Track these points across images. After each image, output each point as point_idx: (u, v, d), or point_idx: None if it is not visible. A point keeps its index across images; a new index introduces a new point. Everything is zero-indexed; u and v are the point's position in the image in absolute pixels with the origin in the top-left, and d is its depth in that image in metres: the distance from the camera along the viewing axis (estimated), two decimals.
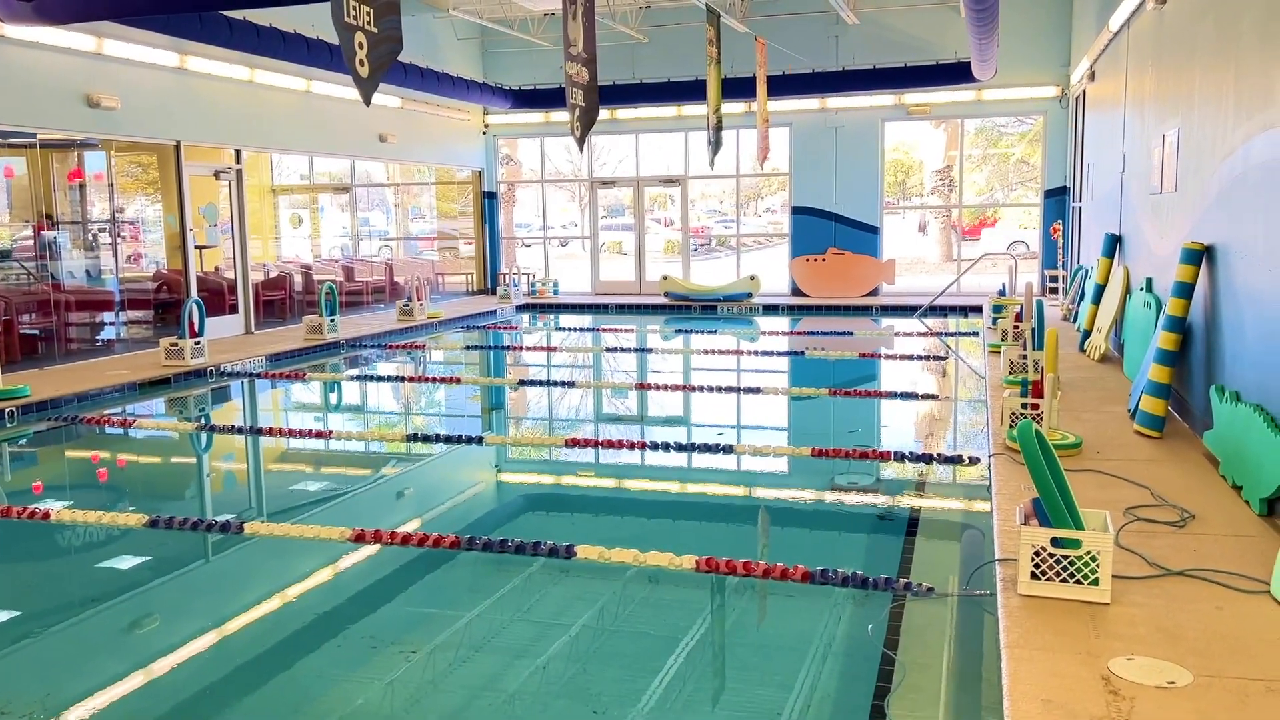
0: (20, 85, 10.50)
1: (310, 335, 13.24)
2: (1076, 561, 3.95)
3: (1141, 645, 3.59)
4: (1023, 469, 5.99)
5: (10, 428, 8.68)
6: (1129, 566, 4.29)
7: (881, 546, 5.78)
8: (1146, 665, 3.39)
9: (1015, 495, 5.50)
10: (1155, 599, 4.01)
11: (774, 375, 11.48)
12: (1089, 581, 3.95)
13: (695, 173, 19.58)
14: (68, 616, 4.87)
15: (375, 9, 5.56)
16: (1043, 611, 3.89)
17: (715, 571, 4.75)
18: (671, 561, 4.85)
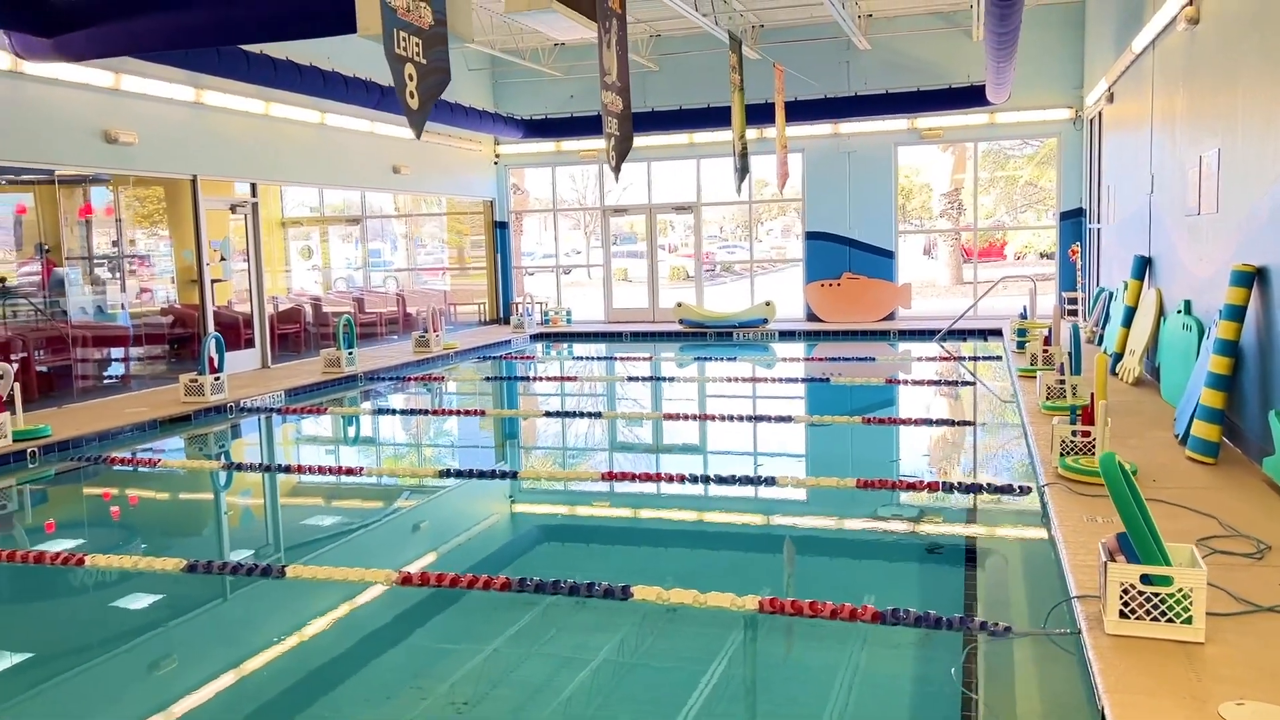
0: (39, 122, 10.44)
1: (328, 368, 13.11)
2: (1168, 599, 3.80)
3: (1246, 688, 3.43)
4: (1081, 499, 5.85)
5: (33, 468, 8.54)
6: (1215, 603, 4.14)
7: (939, 582, 5.62)
8: (1261, 711, 3.23)
9: (1078, 527, 5.35)
10: (1248, 637, 3.86)
11: (801, 403, 11.34)
12: (1182, 620, 3.80)
13: (708, 199, 19.53)
14: (106, 663, 4.71)
15: (424, 40, 5.47)
16: (1135, 652, 3.74)
17: (780, 613, 4.60)
18: (733, 603, 4.70)
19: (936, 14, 17.27)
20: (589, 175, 22.96)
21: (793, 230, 37.59)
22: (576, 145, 19.40)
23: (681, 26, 17.71)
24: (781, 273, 25.21)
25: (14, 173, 11.71)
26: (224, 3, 8.87)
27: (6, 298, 13.08)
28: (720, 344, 17.01)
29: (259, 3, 8.77)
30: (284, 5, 8.69)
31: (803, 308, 18.56)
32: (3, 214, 13.45)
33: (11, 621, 5.44)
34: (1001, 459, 8.10)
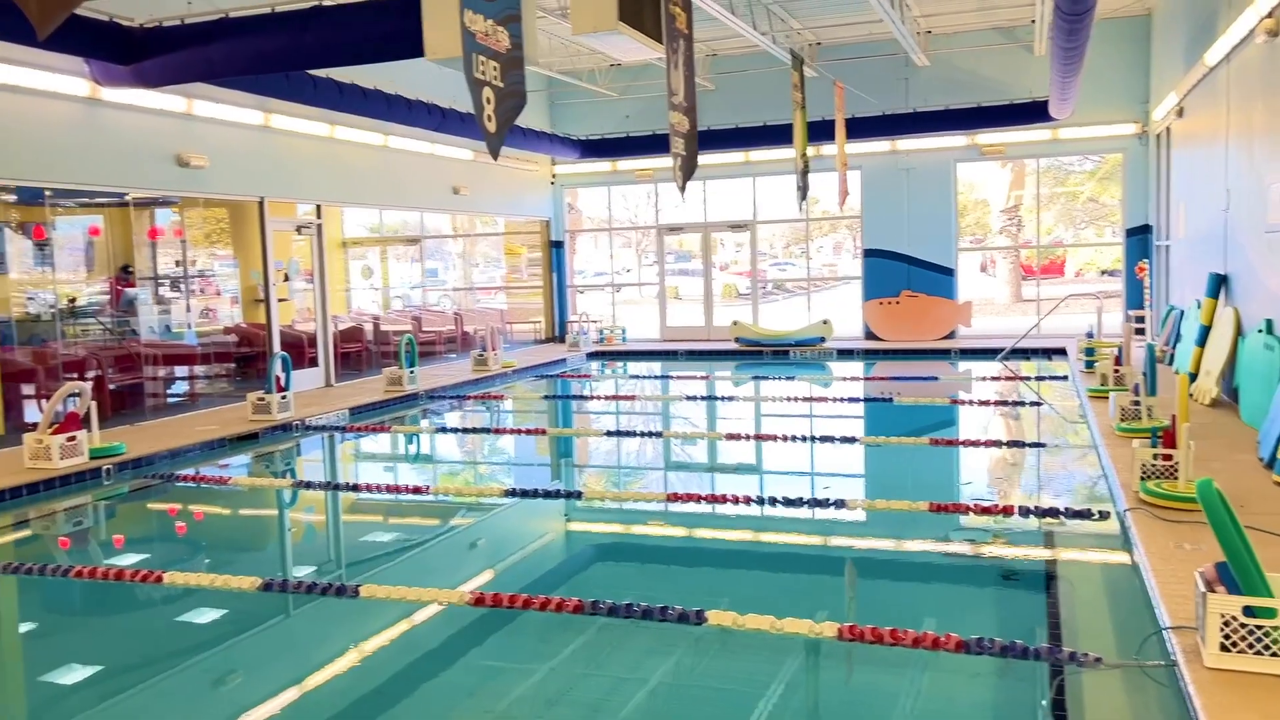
0: (115, 147, 10.72)
1: (390, 387, 13.25)
2: (1273, 632, 3.67)
3: None
4: (1165, 525, 5.69)
5: (108, 485, 8.71)
6: None
7: (1017, 610, 5.50)
8: None
9: (1166, 554, 5.20)
10: None
11: (864, 423, 11.21)
12: None
13: (763, 217, 19.48)
14: (180, 678, 4.77)
15: (502, 64, 5.52)
16: (1239, 687, 3.61)
17: (860, 640, 4.52)
18: (811, 629, 4.63)
19: (997, 29, 17.09)
20: (640, 194, 23.05)
21: (844, 247, 37.35)
22: (632, 165, 19.47)
23: (739, 46, 17.71)
24: (834, 290, 24.99)
25: (88, 195, 12.04)
26: (297, 29, 9.05)
27: (78, 317, 13.43)
28: (777, 363, 16.90)
29: (331, 28, 8.93)
30: (355, 30, 8.84)
31: (860, 326, 18.39)
32: (75, 235, 13.86)
33: (89, 636, 5.53)
34: (1075, 482, 7.93)
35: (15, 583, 6.25)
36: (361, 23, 8.86)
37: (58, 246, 12.97)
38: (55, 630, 5.74)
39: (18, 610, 6.13)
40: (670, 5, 7.71)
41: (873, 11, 15.12)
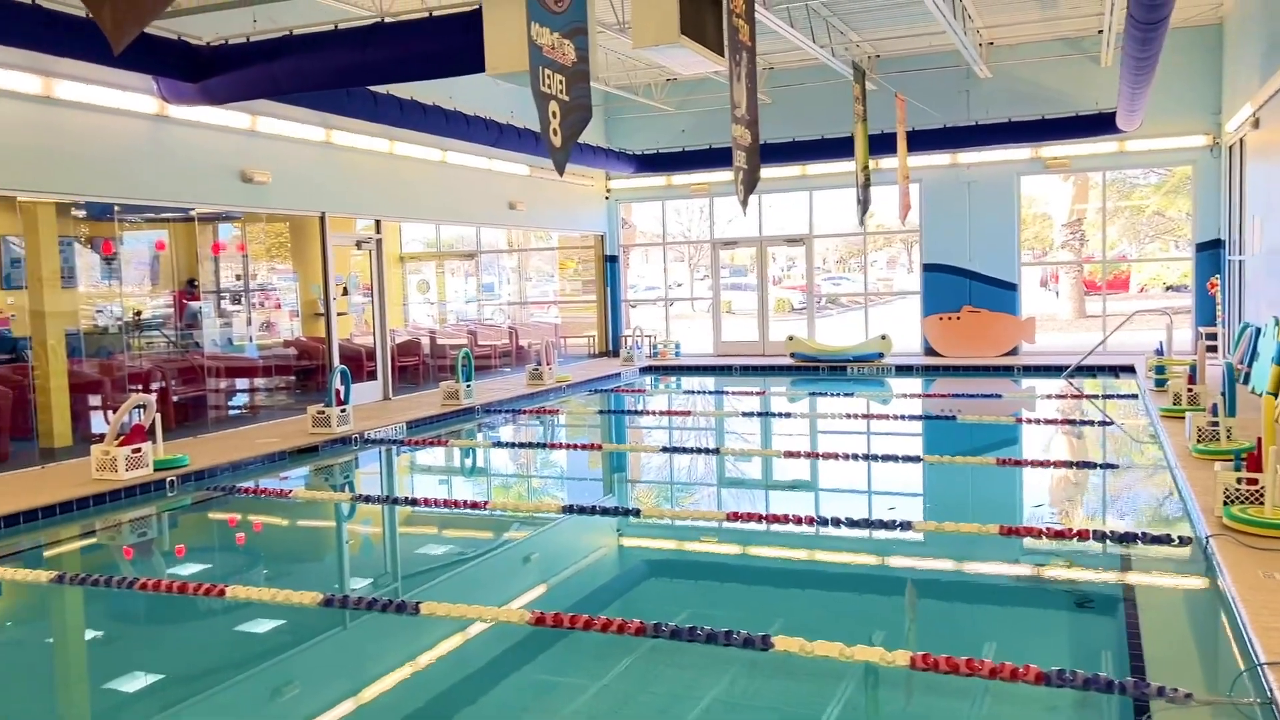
0: (182, 163, 10.90)
1: (447, 401, 13.29)
2: None
3: None
4: (1253, 553, 5.44)
5: (171, 497, 8.80)
6: None
7: (1094, 639, 5.28)
8: None
9: (1255, 584, 4.96)
10: None
11: (926, 441, 10.98)
12: None
13: (819, 231, 19.29)
14: (240, 696, 4.75)
15: (567, 77, 5.49)
16: None
17: (934, 670, 4.36)
18: (883, 658, 4.48)
19: (1062, 40, 16.76)
20: (693, 208, 22.98)
21: (899, 261, 36.92)
22: (688, 179, 19.40)
23: (796, 59, 17.61)
24: (889, 305, 24.69)
25: (154, 210, 12.26)
26: (359, 45, 9.13)
27: (143, 330, 13.68)
28: (834, 378, 16.68)
29: (392, 44, 8.99)
30: (416, 46, 8.90)
31: (919, 341, 18.10)
32: (141, 250, 14.14)
33: (151, 649, 5.55)
34: (1150, 506, 7.66)
35: (81, 593, 6.32)
36: (423, 39, 8.91)
37: (124, 260, 13.26)
38: (118, 641, 5.78)
39: (84, 621, 6.19)
40: (733, 18, 7.64)
41: (933, 23, 14.93)
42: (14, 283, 13.00)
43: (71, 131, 9.67)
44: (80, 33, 8.58)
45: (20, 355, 12.27)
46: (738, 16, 7.80)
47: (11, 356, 12.08)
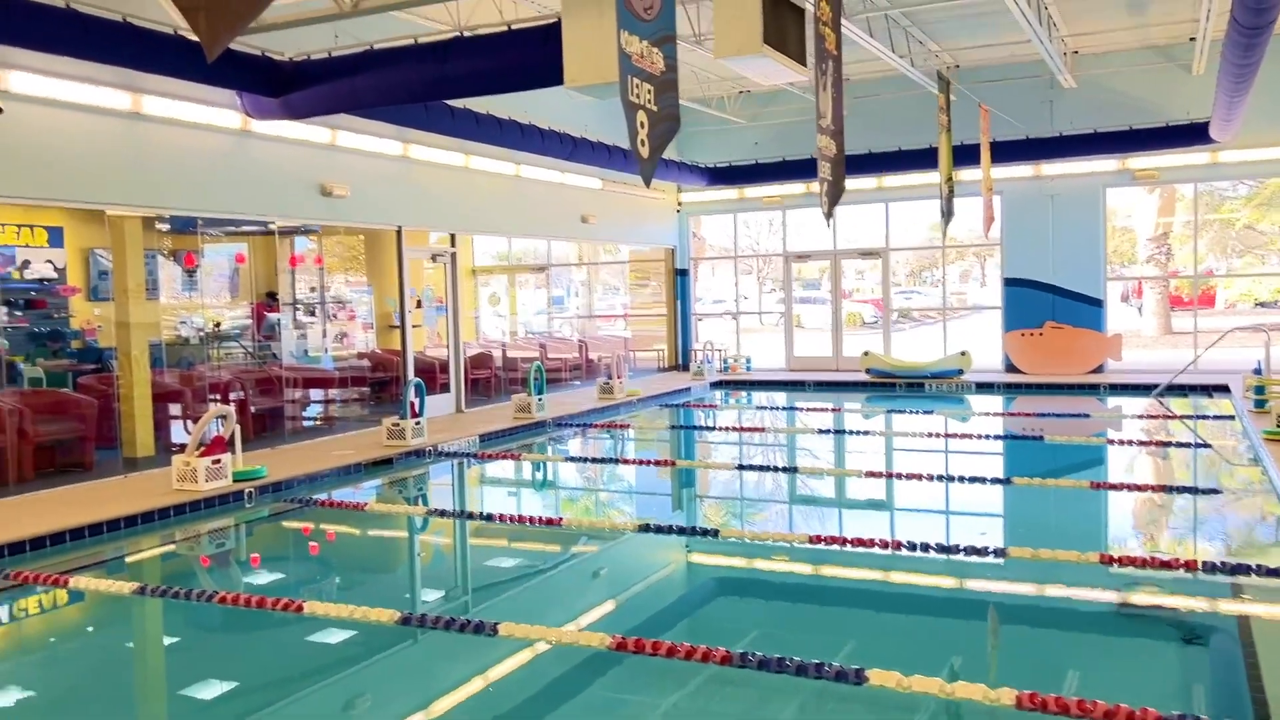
0: (263, 177, 11.04)
1: (519, 414, 13.26)
2: None
3: None
4: None
5: (249, 508, 8.86)
6: None
7: (1212, 679, 4.96)
8: None
9: None
10: None
11: (1014, 462, 10.61)
12: None
13: (896, 244, 18.92)
14: (316, 711, 4.69)
15: (655, 87, 5.38)
16: None
17: (1043, 710, 4.10)
18: (986, 695, 4.23)
19: (1151, 48, 16.22)
20: (761, 221, 22.71)
21: (971, 275, 36.15)
22: (760, 192, 19.20)
23: (872, 70, 17.29)
24: (963, 320, 24.12)
25: (234, 224, 12.46)
26: (438, 59, 9.14)
27: (222, 341, 13.91)
28: (911, 395, 16.29)
29: (471, 58, 8.98)
30: (495, 59, 8.87)
31: (999, 358, 17.61)
32: (220, 262, 14.39)
33: (228, 663, 5.52)
34: (1259, 534, 7.25)
35: (162, 605, 6.33)
36: (501, 52, 8.89)
37: (204, 273, 13.50)
38: (196, 654, 5.76)
39: (164, 632, 6.19)
40: (820, 25, 7.46)
41: (1015, 32, 14.55)
42: (101, 294, 13.32)
43: (159, 146, 9.85)
44: (168, 49, 8.73)
45: (105, 365, 12.55)
46: (824, 25, 7.62)
47: (97, 366, 12.36)
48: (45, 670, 5.59)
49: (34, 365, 11.92)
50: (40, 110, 8.78)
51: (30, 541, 7.35)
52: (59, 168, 8.99)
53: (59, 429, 9.94)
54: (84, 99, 9.09)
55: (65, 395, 10.50)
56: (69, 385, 11.34)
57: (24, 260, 12.43)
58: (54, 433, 9.90)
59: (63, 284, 12.77)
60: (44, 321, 12.66)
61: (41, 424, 9.70)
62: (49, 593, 6.56)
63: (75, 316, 12.94)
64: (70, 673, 5.54)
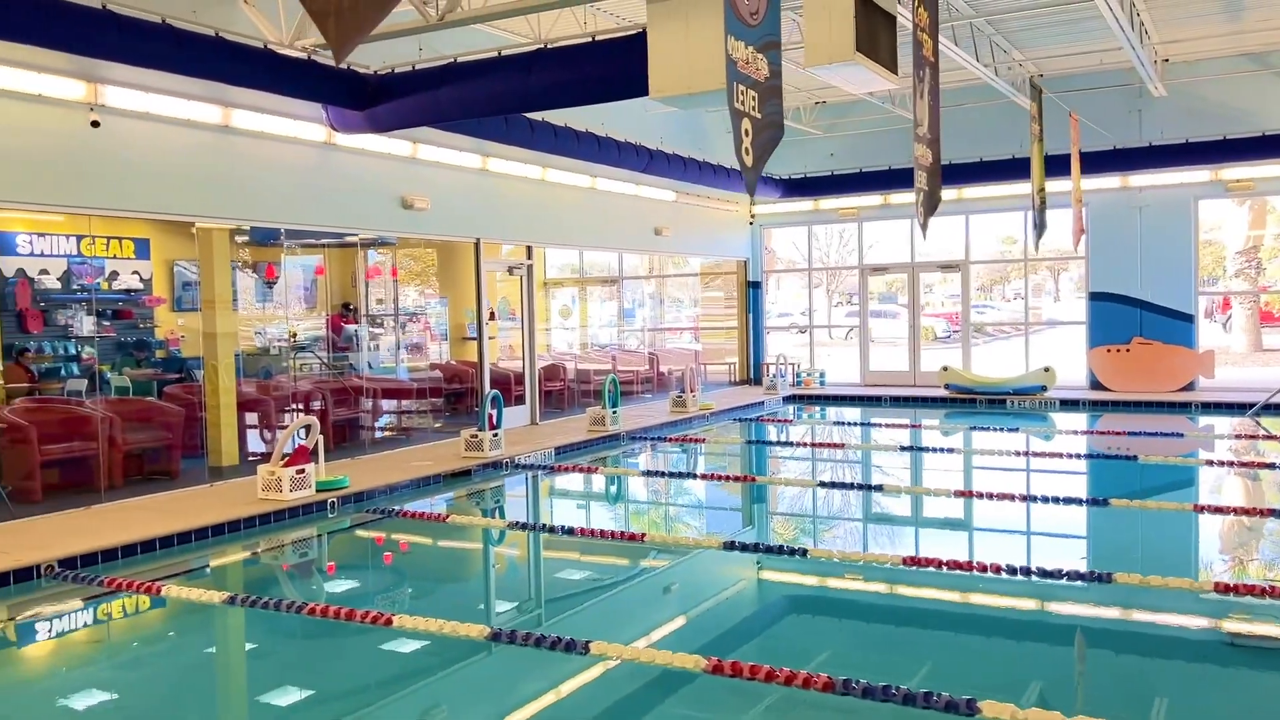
0: (346, 190, 11.14)
1: (593, 427, 13.18)
2: None
3: None
4: None
5: (332, 518, 8.89)
6: None
7: None
8: None
9: None
10: None
11: (1108, 484, 10.22)
12: None
13: (976, 256, 18.51)
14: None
15: (759, 93, 5.26)
16: None
17: None
18: None
19: (1245, 55, 15.65)
20: (831, 233, 22.37)
21: (1044, 289, 35.28)
22: (836, 204, 18.92)
23: (952, 79, 16.92)
24: (1039, 334, 23.44)
25: (313, 236, 12.61)
26: (522, 71, 9.13)
27: (299, 352, 14.08)
28: (993, 412, 15.87)
29: (555, 69, 8.96)
30: (579, 71, 8.84)
31: (1083, 374, 17.09)
32: (299, 274, 14.60)
33: (315, 676, 5.49)
34: None
35: (249, 615, 6.34)
36: (586, 63, 8.84)
37: (284, 284, 13.70)
38: (285, 666, 5.74)
39: (251, 642, 6.20)
40: (918, 32, 7.27)
41: (1103, 40, 14.17)
42: (184, 305, 13.59)
43: (247, 159, 9.99)
44: (260, 63, 8.85)
45: (189, 375, 12.78)
46: (922, 31, 7.43)
47: (180, 376, 12.59)
48: (139, 677, 5.62)
49: (120, 374, 12.19)
50: (133, 124, 8.96)
51: (123, 548, 7.45)
52: (151, 180, 9.15)
53: (147, 437, 10.11)
54: (176, 113, 9.25)
55: (153, 404, 10.70)
56: (154, 394, 11.56)
57: (112, 271, 12.74)
58: (142, 441, 10.07)
59: (148, 295, 13.06)
60: (130, 331, 12.95)
61: (130, 432, 9.87)
62: (143, 600, 6.62)
63: (159, 327, 13.22)
64: (162, 680, 5.56)
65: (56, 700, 5.18)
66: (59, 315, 12.27)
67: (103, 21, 7.58)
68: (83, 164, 8.58)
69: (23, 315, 11.77)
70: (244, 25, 9.29)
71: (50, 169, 8.34)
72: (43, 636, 6.27)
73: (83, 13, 7.48)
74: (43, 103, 8.25)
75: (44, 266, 12.01)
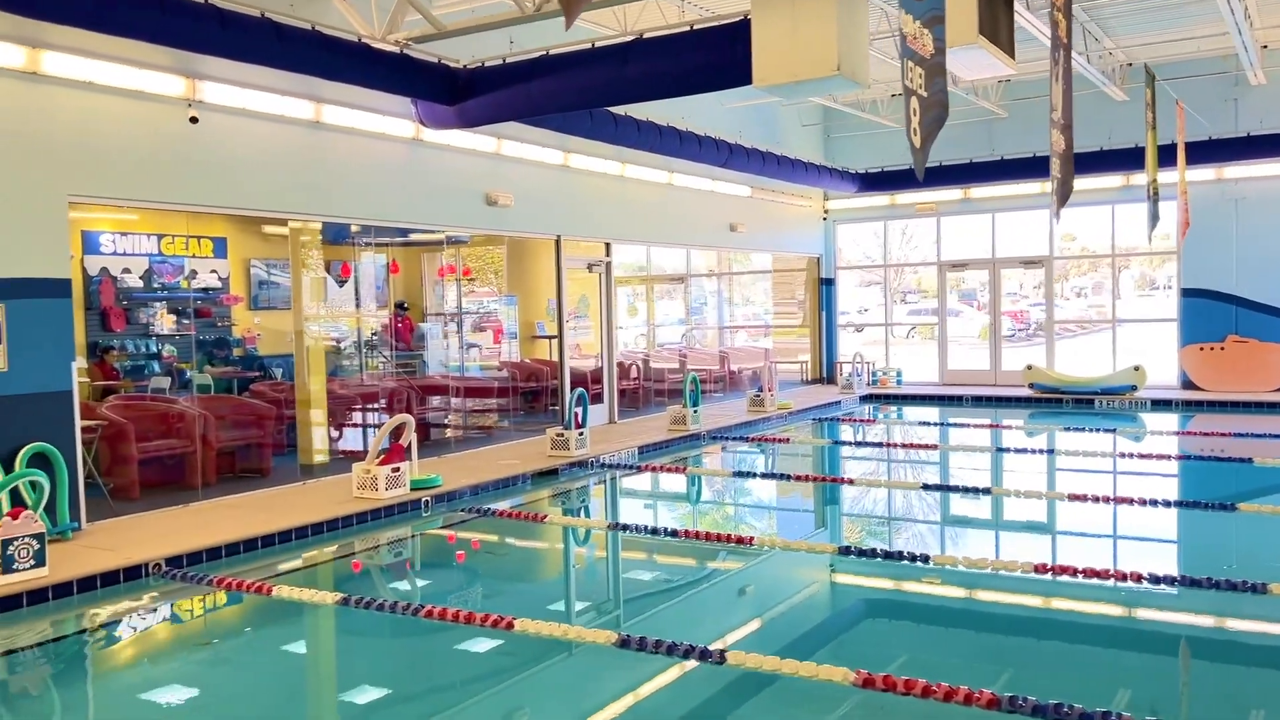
0: (433, 186, 11.03)
1: (674, 426, 12.97)
2: None
3: None
4: None
5: (426, 517, 8.77)
6: None
7: None
8: None
9: None
10: None
11: (1223, 488, 9.77)
12: None
13: (1060, 251, 17.99)
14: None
15: (926, 70, 5.02)
16: None
17: None
18: None
19: None
20: (893, 230, 21.55)
21: (1104, 287, 34.24)
22: (913, 198, 18.50)
23: (1037, 69, 16.46)
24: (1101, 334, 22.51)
25: (391, 234, 12.52)
26: (617, 62, 8.93)
27: (370, 350, 14.03)
28: (1080, 412, 15.38)
29: (652, 59, 8.74)
30: (677, 61, 8.61)
31: (1174, 373, 16.51)
32: (369, 271, 14.54)
33: (435, 681, 5.34)
34: None
35: (357, 616, 6.20)
36: (684, 53, 8.62)
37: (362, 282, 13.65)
38: (405, 670, 5.59)
39: (368, 644, 6.06)
40: (1054, 12, 6.95)
41: (1199, 26, 13.68)
42: (260, 304, 13.62)
43: (337, 155, 9.91)
44: (356, 57, 8.76)
45: (268, 373, 12.79)
46: (1057, 10, 7.08)
47: (260, 374, 12.60)
48: (256, 678, 5.51)
49: (202, 372, 12.22)
50: (229, 120, 8.91)
51: (226, 547, 7.38)
52: (247, 178, 9.10)
53: (239, 435, 10.09)
54: (270, 109, 9.19)
55: (245, 402, 10.68)
56: (233, 392, 11.57)
57: (191, 270, 12.79)
58: (235, 439, 10.05)
59: (226, 293, 13.09)
60: (209, 330, 12.99)
61: (223, 430, 9.86)
62: (254, 600, 6.52)
63: (237, 325, 13.25)
64: (281, 681, 5.44)
65: (188, 700, 5.08)
66: (140, 313, 12.34)
67: (207, 16, 7.52)
68: (182, 161, 8.54)
69: (106, 313, 11.85)
70: (336, 19, 9.20)
71: (150, 166, 8.31)
72: (161, 636, 6.20)
73: (188, 8, 7.43)
74: (143, 99, 8.23)
75: (126, 265, 12.08)
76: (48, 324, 7.67)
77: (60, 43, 7.56)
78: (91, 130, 7.89)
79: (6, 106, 7.37)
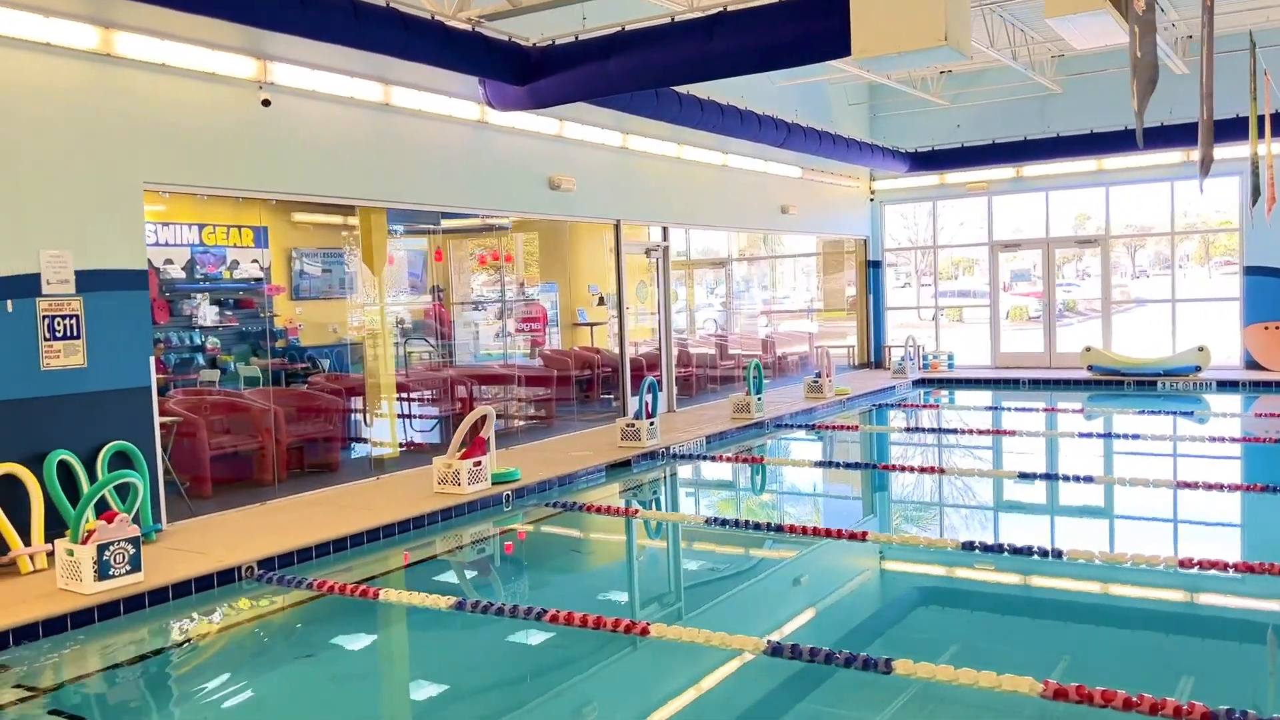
0: (497, 170, 10.67)
1: (737, 414, 12.65)
2: None
3: None
4: None
5: (507, 512, 8.48)
6: None
7: None
8: None
9: None
10: None
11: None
12: None
13: (1117, 230, 17.58)
14: None
15: (1141, 28, 4.67)
16: None
17: None
18: None
19: None
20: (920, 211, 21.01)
21: (1119, 266, 33.58)
22: (963, 178, 18.08)
23: (1093, 46, 16.01)
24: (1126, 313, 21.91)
25: (432, 219, 12.16)
26: (701, 36, 8.56)
27: (409, 338, 13.71)
28: (1142, 394, 15.02)
29: (740, 32, 8.37)
30: (767, 34, 8.23)
31: (1238, 353, 16.13)
32: (414, 260, 14.22)
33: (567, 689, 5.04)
34: None
35: (483, 621, 5.90)
36: (776, 25, 8.23)
37: (396, 269, 13.31)
38: (532, 676, 5.28)
39: (493, 650, 5.74)
40: None
41: None
42: (301, 294, 13.32)
43: (404, 139, 9.56)
44: (431, 35, 8.41)
45: (314, 364, 12.49)
46: None
47: (306, 366, 12.31)
48: (377, 687, 5.22)
49: (249, 364, 11.93)
50: (300, 103, 8.57)
51: (316, 547, 7.09)
52: (317, 162, 8.76)
53: (308, 430, 9.81)
54: (340, 90, 8.84)
55: (313, 395, 10.40)
56: (280, 383, 11.26)
57: (233, 260, 12.49)
58: (304, 433, 9.76)
59: (268, 283, 12.78)
60: (252, 321, 12.69)
61: (292, 424, 9.56)
62: (363, 605, 6.21)
63: (279, 316, 12.95)
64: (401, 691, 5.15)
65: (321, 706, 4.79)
66: (184, 305, 12.04)
67: None
68: (253, 144, 8.21)
69: (150, 306, 11.55)
70: None
71: (222, 149, 7.98)
72: (273, 644, 5.90)
73: None
74: (215, 81, 7.89)
75: (168, 256, 11.77)
76: (126, 317, 7.38)
77: (132, 23, 7.22)
78: (165, 114, 7.56)
79: (80, 89, 7.04)
